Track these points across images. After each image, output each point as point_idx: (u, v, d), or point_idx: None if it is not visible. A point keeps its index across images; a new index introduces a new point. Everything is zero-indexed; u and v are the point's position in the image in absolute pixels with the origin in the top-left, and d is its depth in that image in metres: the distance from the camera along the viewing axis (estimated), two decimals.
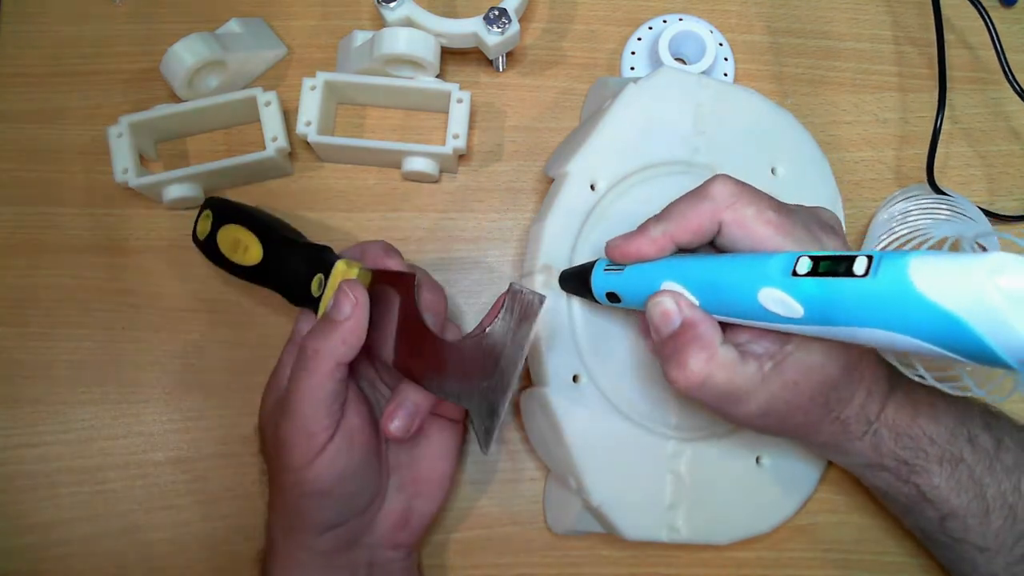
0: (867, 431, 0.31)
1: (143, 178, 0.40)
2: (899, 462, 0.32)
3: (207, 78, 0.43)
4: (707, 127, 0.39)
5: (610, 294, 0.32)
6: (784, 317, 0.24)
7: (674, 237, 0.29)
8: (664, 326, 0.28)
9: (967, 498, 0.32)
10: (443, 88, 0.42)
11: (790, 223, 0.28)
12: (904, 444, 0.32)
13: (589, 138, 0.37)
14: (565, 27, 0.47)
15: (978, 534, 0.32)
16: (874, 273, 0.22)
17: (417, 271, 0.35)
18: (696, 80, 0.39)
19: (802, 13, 0.48)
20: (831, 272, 0.23)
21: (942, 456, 0.32)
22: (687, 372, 0.27)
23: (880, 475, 0.33)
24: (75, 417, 0.41)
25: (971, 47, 0.48)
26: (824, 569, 0.40)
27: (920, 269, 0.20)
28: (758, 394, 0.28)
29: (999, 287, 0.19)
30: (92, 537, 0.39)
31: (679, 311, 0.28)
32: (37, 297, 0.42)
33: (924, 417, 0.32)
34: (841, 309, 0.23)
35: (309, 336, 0.32)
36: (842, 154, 0.46)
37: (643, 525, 0.35)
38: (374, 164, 0.44)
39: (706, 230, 0.29)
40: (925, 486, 0.32)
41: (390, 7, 0.42)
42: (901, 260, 0.21)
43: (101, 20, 0.46)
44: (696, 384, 0.27)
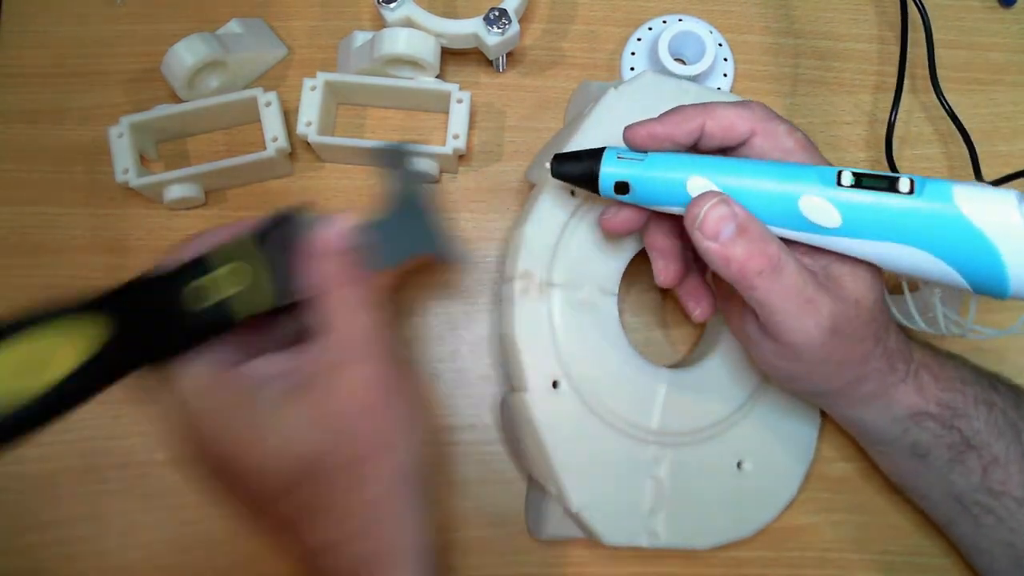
0: (908, 372, 0.31)
1: (144, 178, 0.40)
2: (942, 406, 0.32)
3: (208, 78, 0.43)
4: None
5: (619, 184, 0.29)
6: (820, 226, 0.25)
7: (707, 129, 0.29)
8: (721, 229, 0.27)
9: (1006, 442, 0.32)
10: (443, 88, 0.42)
11: (815, 148, 0.29)
12: (944, 385, 0.32)
13: (570, 143, 0.37)
14: (565, 27, 0.47)
15: (1019, 484, 0.32)
16: (920, 192, 0.24)
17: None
18: (677, 84, 0.39)
19: (802, 13, 0.48)
20: (875, 187, 0.25)
21: (977, 397, 0.32)
22: (769, 256, 0.26)
23: (926, 425, 0.32)
24: (75, 417, 0.40)
25: (971, 48, 0.48)
26: (824, 569, 0.40)
27: (962, 192, 0.23)
28: (826, 302, 0.27)
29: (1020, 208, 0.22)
30: (92, 537, 0.39)
31: (731, 212, 0.27)
32: (37, 297, 0.42)
33: (949, 364, 0.33)
34: (880, 223, 0.24)
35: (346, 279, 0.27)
36: (841, 154, 0.46)
37: (623, 530, 0.35)
38: (374, 164, 0.44)
39: (738, 132, 0.29)
40: (968, 430, 0.32)
41: (390, 8, 0.42)
42: (945, 184, 0.24)
43: (102, 20, 0.46)
44: (776, 268, 0.26)
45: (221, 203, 0.44)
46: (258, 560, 0.39)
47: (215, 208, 0.43)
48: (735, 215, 0.27)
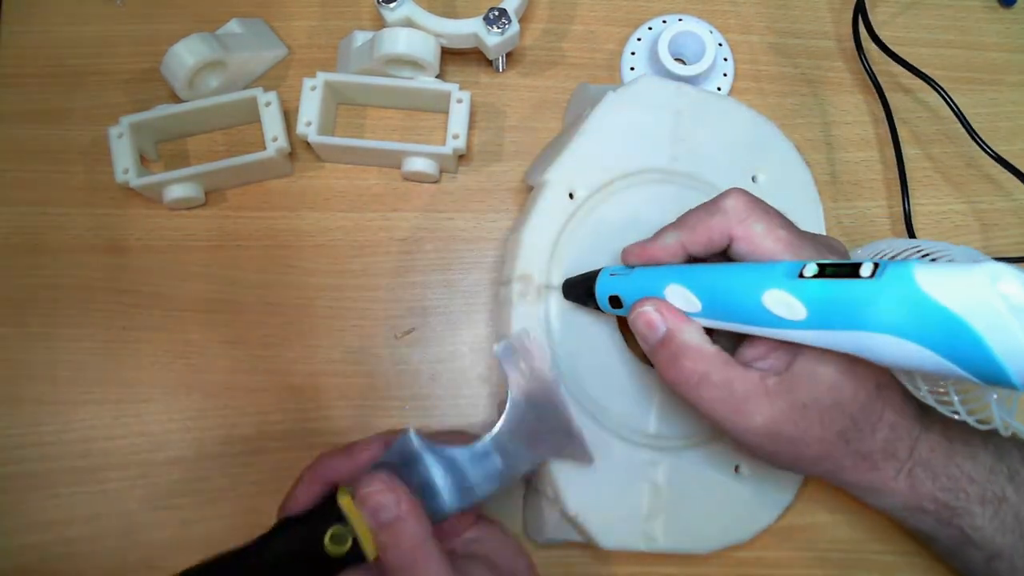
0: (900, 471, 0.30)
1: (144, 178, 0.40)
2: (939, 504, 0.31)
3: (207, 78, 0.43)
4: (687, 135, 0.39)
5: (612, 298, 0.32)
6: (787, 320, 0.24)
7: (686, 246, 0.29)
8: (650, 335, 0.29)
9: (1013, 538, 0.31)
10: (443, 88, 0.42)
11: (799, 242, 0.28)
12: (942, 485, 0.31)
13: (568, 146, 0.37)
14: (565, 27, 0.47)
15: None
16: (880, 275, 0.22)
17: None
18: (676, 88, 0.39)
19: (802, 13, 0.48)
20: (837, 275, 0.23)
21: (983, 496, 0.31)
22: (684, 371, 0.27)
23: (921, 518, 0.32)
24: (75, 417, 0.41)
25: (971, 48, 0.48)
26: (824, 569, 0.40)
27: (925, 273, 0.21)
28: (763, 406, 0.27)
29: (1000, 292, 0.19)
30: (92, 537, 0.39)
31: (663, 319, 0.28)
32: (37, 297, 0.42)
33: (961, 456, 0.31)
34: (845, 311, 0.23)
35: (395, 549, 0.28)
36: (841, 154, 0.46)
37: (620, 534, 0.35)
38: (374, 164, 0.44)
39: (717, 242, 0.29)
40: (968, 528, 0.31)
41: (390, 8, 0.42)
42: (906, 265, 0.22)
43: (102, 20, 0.46)
44: (695, 382, 0.27)
45: (221, 203, 0.44)
46: None
47: (215, 208, 0.43)
48: (663, 322, 0.28)
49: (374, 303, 0.42)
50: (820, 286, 0.24)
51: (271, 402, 0.41)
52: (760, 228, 0.28)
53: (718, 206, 0.29)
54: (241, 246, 0.43)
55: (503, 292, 0.37)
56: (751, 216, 0.28)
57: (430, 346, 0.42)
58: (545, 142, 0.45)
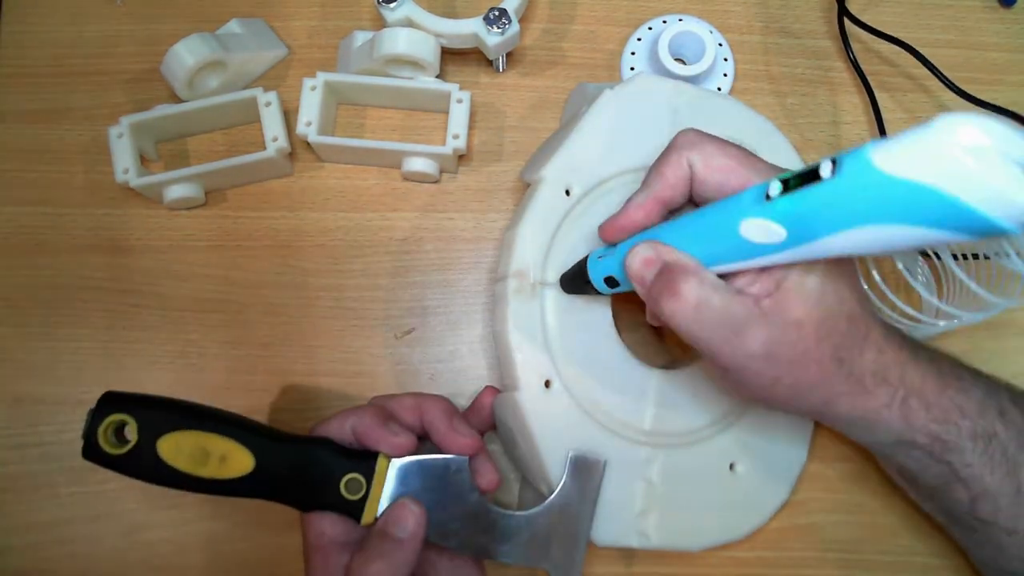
0: (893, 398, 0.30)
1: (144, 178, 0.40)
2: (932, 438, 0.30)
3: (207, 78, 0.43)
4: None
5: (608, 279, 0.32)
6: (771, 245, 0.24)
7: (658, 196, 0.30)
8: (646, 271, 0.28)
9: (999, 476, 0.31)
10: (443, 88, 0.42)
11: (754, 159, 0.29)
12: (935, 417, 0.30)
13: (565, 143, 0.37)
14: (565, 27, 0.47)
15: (1008, 516, 0.31)
16: (839, 171, 0.22)
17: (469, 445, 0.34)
18: (673, 86, 0.39)
19: (801, 13, 0.48)
20: (801, 185, 0.23)
21: (975, 431, 0.30)
22: (681, 298, 0.27)
23: (912, 454, 0.31)
24: (75, 417, 0.40)
25: (971, 48, 0.48)
26: (824, 569, 0.40)
27: (881, 152, 0.20)
28: (759, 327, 0.27)
29: (960, 144, 0.18)
30: (92, 537, 0.39)
31: (658, 254, 0.28)
32: (37, 297, 0.42)
33: (952, 388, 0.30)
34: (819, 218, 0.22)
35: (364, 558, 0.30)
36: None
37: (613, 531, 0.35)
38: (374, 164, 0.44)
39: (681, 178, 0.29)
40: (958, 464, 0.31)
41: (390, 8, 0.42)
42: (861, 151, 0.21)
43: (102, 20, 0.46)
44: (692, 308, 0.27)
45: (221, 203, 0.44)
46: (258, 560, 0.39)
47: (215, 208, 0.43)
48: (659, 258, 0.28)
49: (374, 303, 0.42)
50: (789, 201, 0.23)
51: (271, 402, 0.41)
52: (712, 148, 0.29)
53: (672, 144, 0.30)
54: (241, 246, 0.43)
55: (498, 288, 0.37)
56: (702, 140, 0.30)
57: (430, 346, 0.42)
58: (543, 142, 0.45)
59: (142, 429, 0.29)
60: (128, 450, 0.29)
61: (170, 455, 0.29)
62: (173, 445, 0.29)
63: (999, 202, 0.18)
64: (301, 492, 0.32)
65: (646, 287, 0.28)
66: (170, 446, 0.29)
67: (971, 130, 0.18)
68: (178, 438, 0.29)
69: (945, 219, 0.19)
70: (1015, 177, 0.18)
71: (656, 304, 0.28)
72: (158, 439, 0.29)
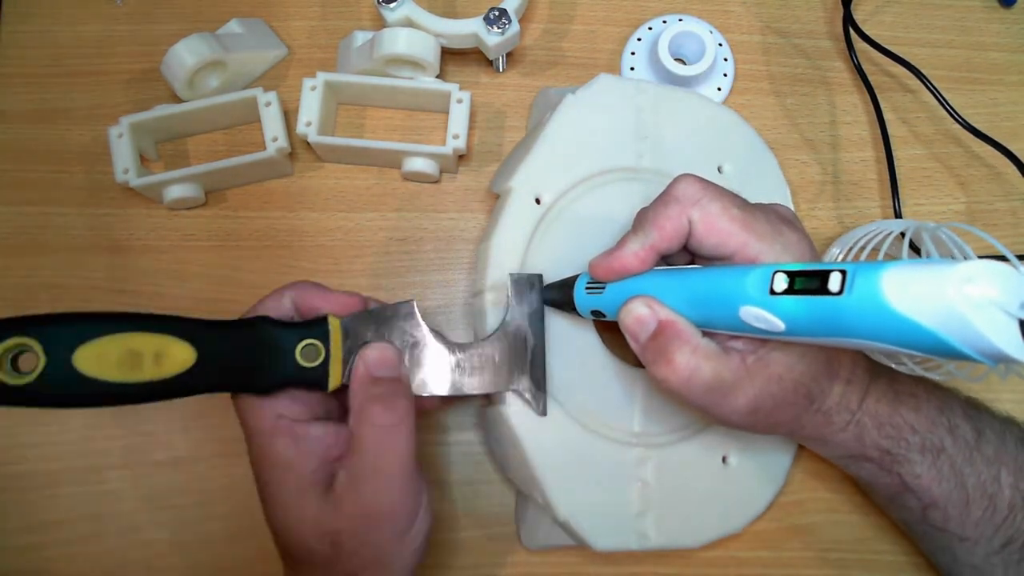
0: (850, 421, 0.32)
1: (144, 178, 0.40)
2: (882, 452, 0.33)
3: (208, 78, 0.43)
4: (650, 131, 0.39)
5: (595, 312, 0.32)
6: (766, 331, 0.25)
7: (655, 247, 0.29)
8: (641, 331, 0.29)
9: (948, 487, 0.32)
10: (443, 88, 0.42)
11: (752, 218, 0.29)
12: (886, 433, 0.32)
13: (531, 151, 0.37)
14: (565, 27, 0.47)
15: (958, 524, 0.33)
16: (848, 290, 0.22)
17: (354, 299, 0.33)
18: (634, 85, 0.39)
19: (801, 13, 0.48)
20: (807, 289, 0.23)
21: (923, 445, 0.32)
22: (675, 367, 0.28)
23: (863, 465, 0.34)
24: (75, 417, 0.41)
25: (971, 48, 0.48)
26: (824, 569, 0.40)
27: (893, 284, 0.21)
28: (746, 388, 0.28)
29: (967, 297, 0.19)
30: (92, 537, 0.39)
31: (653, 314, 0.28)
32: (37, 297, 0.42)
33: (905, 407, 0.33)
34: (820, 323, 0.23)
35: (380, 405, 0.30)
36: (841, 154, 0.46)
37: (612, 535, 0.35)
38: (374, 164, 0.44)
39: (680, 232, 0.29)
40: (907, 475, 0.33)
41: (390, 8, 0.42)
42: (874, 274, 0.21)
43: (102, 20, 0.46)
44: (685, 378, 0.28)
45: (221, 203, 0.44)
46: (258, 560, 0.39)
47: (215, 208, 0.43)
48: (655, 319, 0.28)
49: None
50: (793, 303, 0.24)
51: None
52: (715, 207, 0.29)
53: (672, 195, 0.29)
54: (241, 246, 0.43)
55: (476, 302, 0.37)
56: (704, 196, 0.29)
57: None
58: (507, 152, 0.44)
59: (49, 348, 0.25)
60: (36, 376, 0.25)
61: (92, 367, 0.26)
62: (94, 356, 0.26)
63: (983, 346, 0.20)
64: (254, 374, 0.29)
65: (639, 344, 0.29)
66: (89, 358, 0.26)
67: (984, 285, 0.19)
68: (98, 347, 0.26)
69: (931, 349, 0.21)
70: (1007, 331, 0.20)
71: (649, 365, 0.29)
72: (73, 353, 0.25)
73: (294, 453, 0.30)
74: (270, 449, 0.30)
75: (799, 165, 0.45)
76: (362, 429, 0.30)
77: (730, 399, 0.28)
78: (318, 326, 0.31)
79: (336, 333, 0.31)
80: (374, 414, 0.30)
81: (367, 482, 0.29)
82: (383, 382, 0.31)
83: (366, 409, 0.30)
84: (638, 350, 0.29)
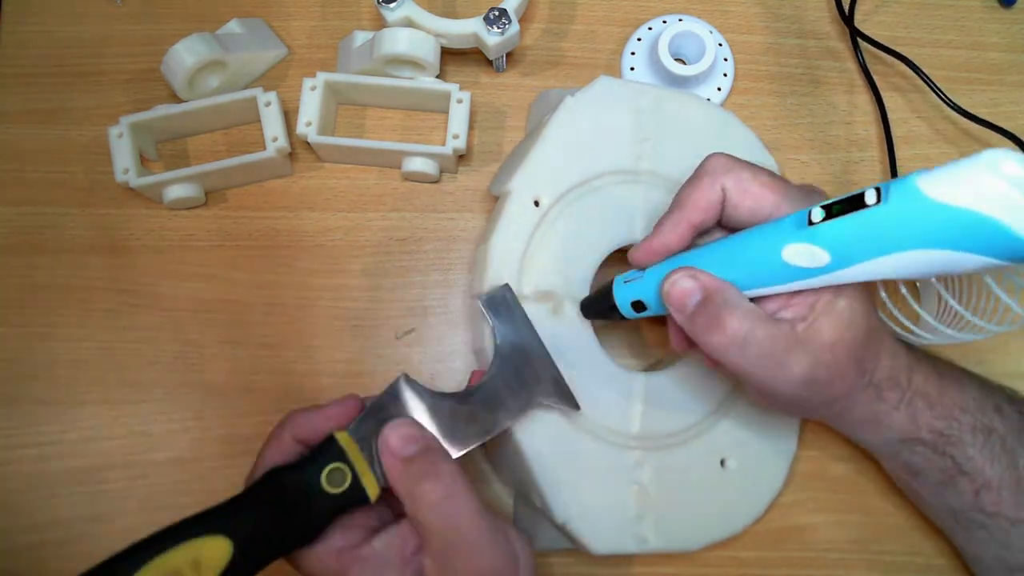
0: (902, 400, 0.31)
1: (144, 178, 0.40)
2: (935, 433, 0.32)
3: (208, 78, 0.43)
4: (649, 133, 0.39)
5: (635, 303, 0.32)
6: (813, 269, 0.25)
7: (690, 220, 0.30)
8: (688, 301, 0.28)
9: (1000, 468, 0.32)
10: (443, 88, 0.42)
11: (784, 184, 0.30)
12: (938, 414, 0.32)
13: (530, 154, 0.37)
14: (565, 27, 0.47)
15: (1011, 505, 0.32)
16: (885, 199, 0.23)
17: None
18: (634, 87, 0.39)
19: (802, 14, 0.48)
20: (845, 210, 0.24)
21: (975, 425, 0.32)
22: (729, 332, 0.27)
23: (917, 450, 0.33)
24: (75, 417, 0.41)
25: (971, 48, 0.48)
26: (824, 569, 0.40)
27: (928, 182, 0.22)
28: (799, 356, 0.27)
29: (1005, 175, 0.20)
30: (92, 537, 0.39)
31: (698, 283, 0.28)
32: (37, 297, 0.42)
33: (952, 388, 0.32)
34: (864, 242, 0.23)
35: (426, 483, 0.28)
36: (841, 154, 0.46)
37: (610, 538, 0.35)
38: (374, 164, 0.44)
39: (714, 203, 0.30)
40: (960, 457, 0.32)
41: (390, 8, 0.42)
42: (908, 180, 0.22)
43: (102, 20, 0.46)
44: (740, 342, 0.27)
45: (221, 203, 0.44)
46: None
47: (215, 208, 0.43)
48: (701, 288, 0.28)
49: (374, 303, 0.42)
50: (834, 227, 0.24)
51: (271, 402, 0.41)
52: (747, 174, 0.30)
53: (704, 169, 0.30)
54: (241, 246, 0.43)
55: (476, 305, 0.37)
56: (735, 166, 0.30)
57: (430, 346, 0.42)
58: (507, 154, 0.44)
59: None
60: None
61: None
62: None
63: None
64: (296, 530, 0.28)
65: (686, 316, 0.28)
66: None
67: (1014, 165, 0.20)
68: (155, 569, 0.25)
69: (987, 244, 0.21)
70: None
71: (699, 336, 0.28)
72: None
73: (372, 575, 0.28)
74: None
75: (799, 165, 0.45)
76: (422, 514, 0.28)
77: (785, 368, 0.28)
78: (330, 450, 0.29)
79: (350, 446, 0.29)
80: (426, 494, 0.28)
81: (455, 559, 0.28)
82: (416, 460, 0.29)
83: (415, 494, 0.28)
84: (685, 322, 0.29)
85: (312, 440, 0.31)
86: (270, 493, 0.28)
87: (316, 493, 0.28)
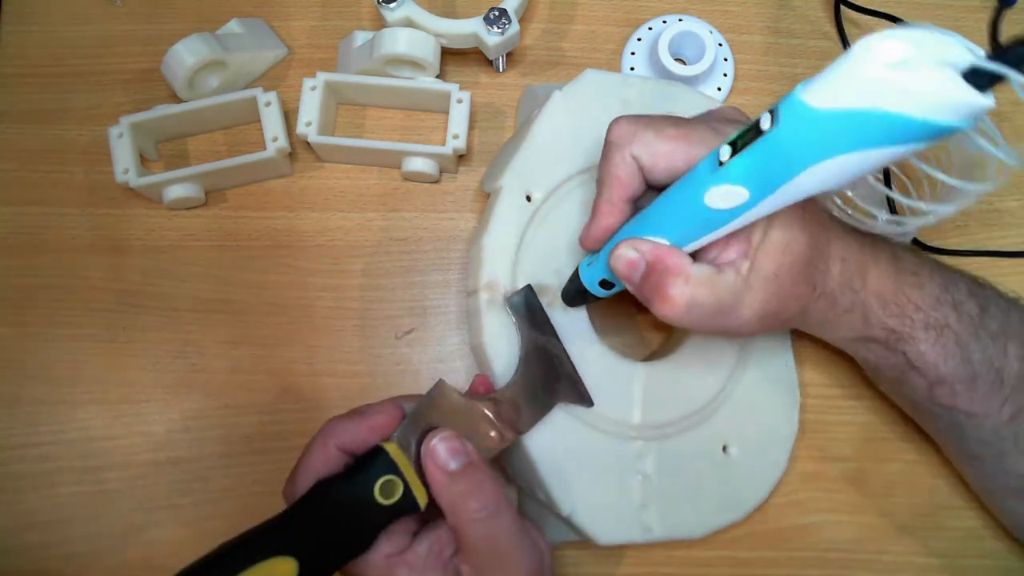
0: (855, 301, 0.32)
1: (144, 178, 0.40)
2: (887, 331, 0.32)
3: (208, 78, 0.43)
4: None
5: (602, 282, 0.32)
6: (737, 208, 0.25)
7: (618, 196, 0.30)
8: (633, 273, 0.29)
9: (953, 364, 0.32)
10: (443, 88, 0.42)
11: (690, 130, 0.29)
12: (891, 312, 0.32)
13: (520, 149, 0.37)
14: (565, 27, 0.47)
15: (966, 400, 0.33)
16: (777, 120, 0.22)
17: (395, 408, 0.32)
18: (620, 79, 0.39)
19: (801, 13, 0.48)
20: (747, 142, 0.23)
21: (927, 322, 0.32)
22: (672, 301, 0.28)
23: (870, 347, 0.34)
24: (75, 417, 0.41)
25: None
26: (824, 569, 0.40)
27: (810, 91, 0.21)
28: (748, 300, 0.28)
29: (883, 62, 0.19)
30: (92, 537, 0.39)
31: (640, 254, 0.28)
32: (37, 297, 0.42)
33: (908, 285, 0.32)
34: (774, 167, 0.23)
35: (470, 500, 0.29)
36: None
37: (615, 529, 0.35)
38: (374, 164, 0.44)
39: (633, 173, 0.30)
40: (912, 353, 0.33)
41: (390, 8, 0.42)
42: (792, 94, 0.21)
43: (102, 20, 0.46)
44: (684, 309, 0.28)
45: (221, 203, 0.44)
46: None
47: (215, 208, 0.43)
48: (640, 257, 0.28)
49: (374, 303, 0.42)
50: (742, 161, 0.24)
51: (271, 402, 0.41)
52: (650, 135, 0.29)
53: (610, 142, 0.30)
54: (241, 246, 0.43)
55: (471, 303, 0.37)
56: (638, 129, 0.30)
57: (430, 346, 0.42)
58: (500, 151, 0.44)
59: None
60: None
61: None
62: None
63: (940, 105, 0.18)
64: (353, 537, 0.29)
65: (635, 287, 0.29)
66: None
67: (891, 45, 0.19)
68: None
69: (894, 135, 0.20)
70: (947, 78, 0.18)
71: (649, 305, 0.29)
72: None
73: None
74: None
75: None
76: (464, 527, 0.29)
77: (735, 316, 0.28)
78: (381, 462, 0.29)
79: (400, 458, 0.30)
80: (470, 511, 0.29)
81: (493, 570, 0.29)
82: (461, 476, 0.29)
83: (459, 508, 0.29)
84: (636, 292, 0.29)
85: (356, 450, 0.31)
86: (325, 508, 0.29)
87: (371, 505, 0.29)
